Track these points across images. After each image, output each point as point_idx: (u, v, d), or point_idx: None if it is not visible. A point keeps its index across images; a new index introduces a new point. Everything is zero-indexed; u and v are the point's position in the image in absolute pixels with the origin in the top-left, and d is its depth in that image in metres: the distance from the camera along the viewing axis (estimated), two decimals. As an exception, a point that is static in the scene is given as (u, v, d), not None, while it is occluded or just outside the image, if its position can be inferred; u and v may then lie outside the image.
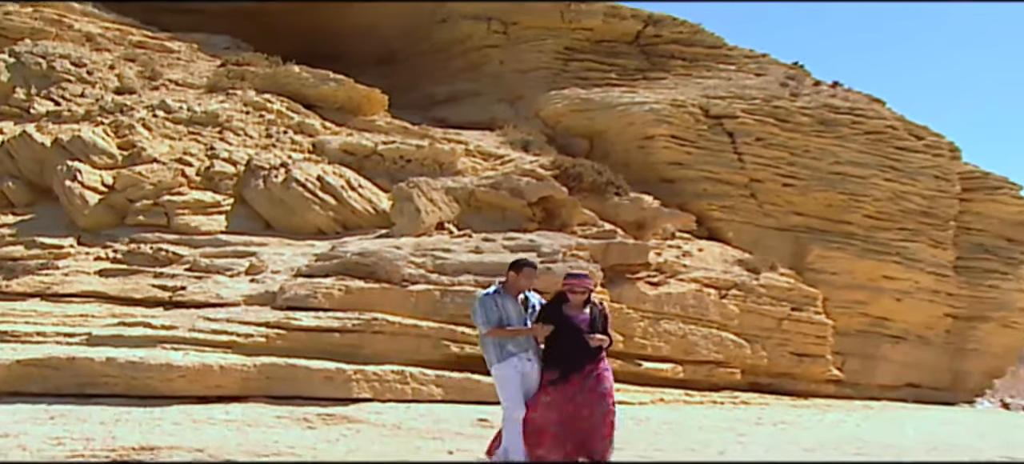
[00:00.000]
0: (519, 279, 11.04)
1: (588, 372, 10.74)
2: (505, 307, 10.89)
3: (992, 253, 36.97)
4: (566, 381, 10.68)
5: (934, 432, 21.95)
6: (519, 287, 11.07)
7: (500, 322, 10.83)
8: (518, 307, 10.98)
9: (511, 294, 11.01)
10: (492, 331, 10.83)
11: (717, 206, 32.22)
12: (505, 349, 10.84)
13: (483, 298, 11.04)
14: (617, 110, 33.60)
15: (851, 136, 34.93)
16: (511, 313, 10.90)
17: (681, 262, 27.68)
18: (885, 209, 34.30)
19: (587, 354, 10.74)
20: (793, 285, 30.17)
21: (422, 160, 28.10)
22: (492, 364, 11.02)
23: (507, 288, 11.05)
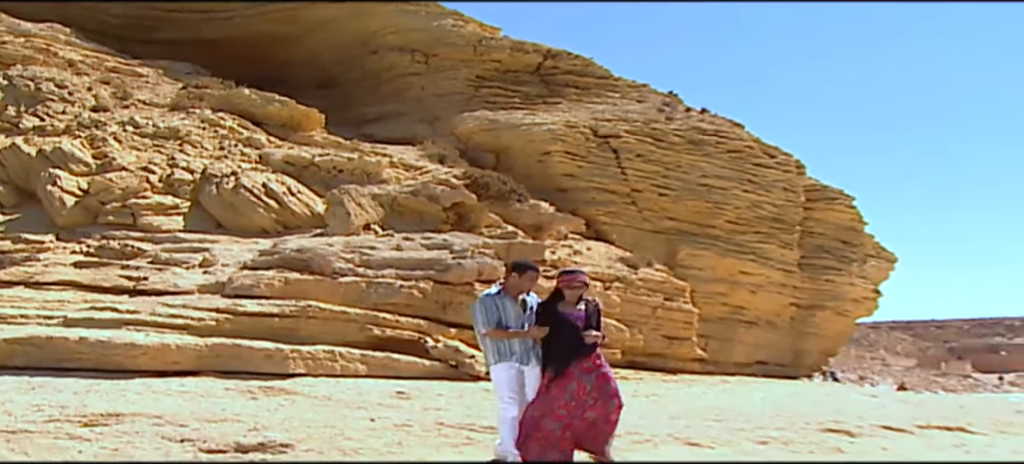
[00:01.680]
0: (521, 281, 9.83)
1: (586, 368, 9.57)
2: (505, 308, 9.71)
3: (829, 253, 37.68)
4: (563, 376, 9.52)
5: (778, 401, 22.34)
6: (520, 288, 9.86)
7: (499, 323, 9.65)
8: (517, 308, 9.78)
9: (511, 295, 9.81)
10: (491, 332, 9.67)
11: (603, 212, 32.46)
12: (503, 350, 9.70)
13: (483, 299, 9.85)
14: (520, 129, 33.74)
15: (716, 154, 35.32)
16: (510, 314, 9.72)
17: (572, 259, 27.86)
18: (743, 216, 34.78)
19: (582, 349, 9.57)
20: (666, 279, 30.53)
21: (353, 170, 28.09)
22: (490, 364, 9.90)
23: (507, 289, 9.85)
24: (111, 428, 11.50)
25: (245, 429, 11.88)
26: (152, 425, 11.72)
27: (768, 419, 17.08)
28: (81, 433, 11.14)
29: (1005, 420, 19.41)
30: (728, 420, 16.70)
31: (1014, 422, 19.18)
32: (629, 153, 33.73)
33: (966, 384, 59.93)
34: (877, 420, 17.60)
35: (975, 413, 20.82)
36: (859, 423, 16.89)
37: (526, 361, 9.71)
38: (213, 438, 11.12)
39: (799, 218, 36.95)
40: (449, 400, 16.73)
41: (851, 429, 16.00)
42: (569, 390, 9.46)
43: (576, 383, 9.48)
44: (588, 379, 9.54)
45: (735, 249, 34.02)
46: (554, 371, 9.55)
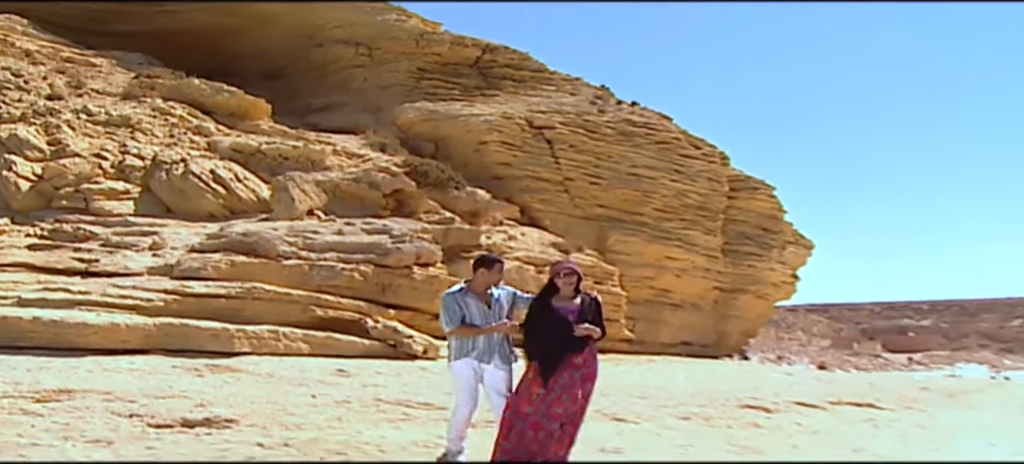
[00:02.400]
0: (488, 275, 9.08)
1: (575, 364, 8.62)
2: (468, 306, 8.97)
3: (751, 240, 38.28)
4: (553, 373, 8.57)
5: (700, 379, 22.71)
6: (487, 283, 9.10)
7: (463, 321, 8.93)
8: (482, 305, 9.00)
9: (477, 291, 9.06)
10: (455, 330, 8.99)
11: (537, 199, 32.76)
12: (464, 347, 8.98)
13: (446, 298, 9.14)
14: (458, 120, 33.93)
15: (645, 145, 35.69)
16: (474, 312, 8.97)
17: (507, 244, 28.23)
18: (670, 204, 35.20)
19: (571, 345, 8.61)
20: (596, 263, 30.89)
21: (297, 158, 28.15)
22: (449, 361, 9.25)
23: (473, 286, 9.09)
24: (63, 404, 11.62)
25: (191, 405, 12.01)
26: (102, 401, 11.86)
27: (690, 396, 17.33)
28: (34, 409, 11.26)
29: (910, 396, 19.91)
30: (652, 397, 16.97)
31: (918, 398, 19.70)
32: (562, 143, 34.04)
33: (876, 363, 61.04)
34: (792, 397, 17.94)
35: (883, 390, 21.26)
36: (775, 399, 17.22)
37: (487, 359, 8.97)
38: (160, 413, 11.27)
39: (723, 206, 37.51)
40: (387, 378, 16.90)
41: (767, 405, 16.34)
42: (561, 383, 8.56)
43: (567, 376, 8.58)
44: (577, 375, 8.63)
45: (662, 235, 34.44)
46: (542, 365, 8.65)
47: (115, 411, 11.29)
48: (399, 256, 22.33)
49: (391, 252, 22.32)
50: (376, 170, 28.19)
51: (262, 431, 10.82)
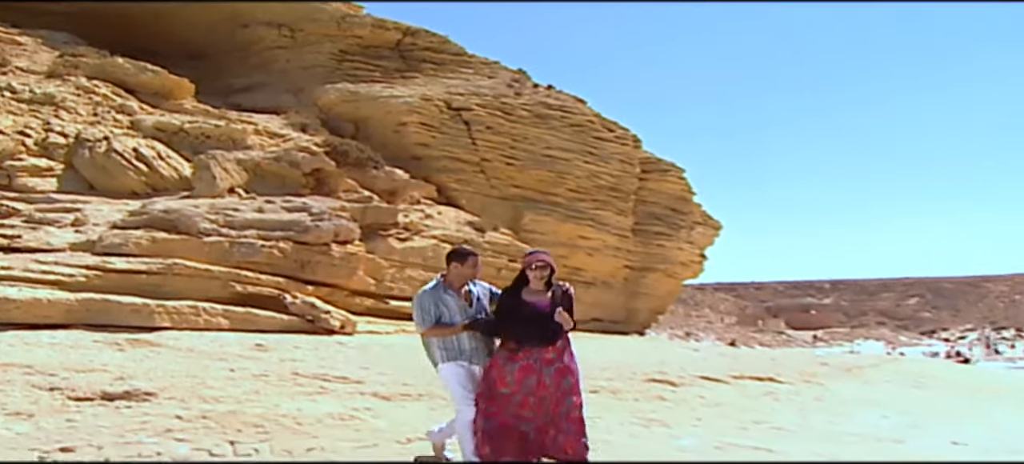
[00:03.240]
0: (462, 269, 8.16)
1: (547, 360, 7.76)
2: (445, 303, 8.04)
3: (661, 220, 39.05)
4: (523, 368, 7.74)
5: (609, 354, 22.88)
6: (463, 278, 8.17)
7: (439, 321, 7.99)
8: (460, 302, 8.09)
9: (454, 287, 8.13)
10: (430, 331, 8.03)
11: (454, 179, 33.16)
12: (450, 347, 8.05)
13: (420, 296, 8.14)
14: (378, 101, 34.10)
15: (560, 127, 36.25)
16: (452, 309, 8.05)
17: (424, 222, 28.53)
18: (583, 185, 35.81)
19: (543, 337, 7.79)
20: (511, 242, 31.29)
21: (219, 137, 28.10)
22: (436, 364, 8.19)
23: (449, 281, 8.14)
24: (-16, 377, 11.64)
25: (112, 378, 12.05)
26: (23, 374, 11.88)
27: (599, 370, 17.38)
28: (-43, 382, 11.29)
29: (810, 371, 20.30)
30: None
31: (817, 372, 20.09)
32: (480, 125, 34.44)
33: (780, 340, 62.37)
34: (697, 371, 18.24)
35: (784, 365, 21.62)
36: (681, 374, 17.49)
37: (478, 360, 8.09)
38: (81, 387, 11.31)
39: (634, 188, 38.19)
40: (305, 352, 16.98)
41: (673, 379, 16.61)
42: (527, 385, 7.72)
43: (536, 377, 7.71)
44: (548, 372, 7.74)
45: (575, 215, 35.03)
46: (508, 357, 7.83)
47: (36, 384, 11.30)
48: (318, 233, 22.49)
49: (310, 230, 22.46)
50: (297, 149, 28.24)
51: (181, 404, 10.86)
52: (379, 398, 12.26)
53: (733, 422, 12.57)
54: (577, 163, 35.77)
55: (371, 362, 16.11)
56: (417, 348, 19.91)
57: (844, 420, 13.61)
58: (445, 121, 34.00)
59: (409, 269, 26.17)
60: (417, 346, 20.81)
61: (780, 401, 15.36)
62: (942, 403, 16.54)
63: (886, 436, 12.12)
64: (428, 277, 26.76)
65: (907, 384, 19.25)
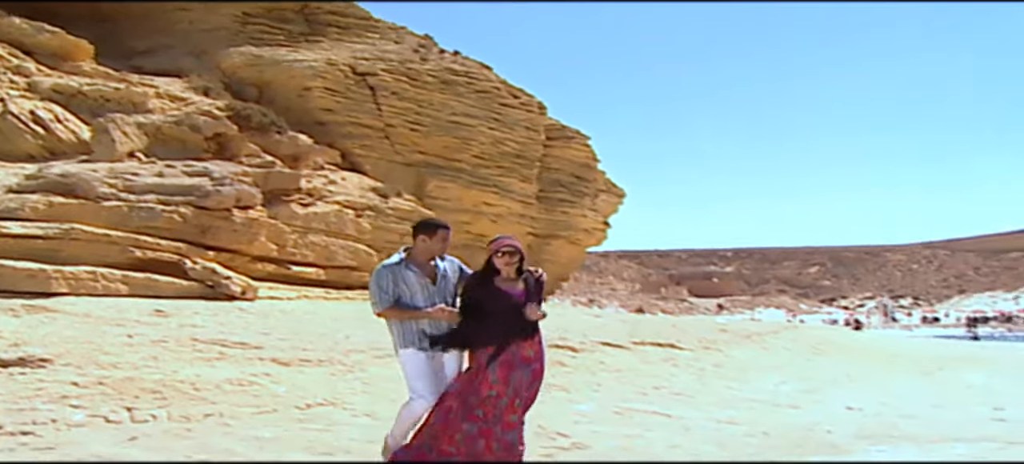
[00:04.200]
0: (431, 243, 7.16)
1: (526, 357, 7.02)
2: (406, 280, 7.04)
3: (565, 187, 39.56)
4: (503, 363, 6.95)
5: None
6: (430, 253, 7.20)
7: (399, 300, 7.00)
8: (423, 280, 7.08)
9: (420, 262, 7.14)
10: (386, 312, 7.03)
11: (358, 145, 33.21)
12: (409, 332, 7.03)
13: (378, 272, 7.09)
14: (282, 65, 33.90)
15: (465, 93, 36.41)
16: (413, 287, 7.05)
17: (327, 188, 28.62)
18: (488, 151, 36.11)
19: (524, 331, 7.07)
20: (415, 208, 31.47)
21: (119, 100, 27.78)
22: (396, 348, 7.20)
23: (414, 256, 7.15)
24: None
25: (6, 345, 11.97)
26: (-88, 342, 11.83)
27: None
28: None
29: (710, 338, 20.68)
30: None
31: (717, 339, 20.56)
32: (385, 90, 34.47)
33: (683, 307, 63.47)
34: (598, 337, 18.40)
35: (685, 332, 21.98)
36: (582, 340, 17.64)
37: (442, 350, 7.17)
38: (-26, 354, 11.23)
39: (539, 155, 38.60)
40: (205, 318, 17.00)
41: (575, 345, 16.78)
42: (514, 383, 6.96)
43: (519, 374, 6.97)
44: (526, 371, 7.01)
45: (479, 182, 35.39)
46: (485, 356, 7.00)
47: (-72, 351, 11.26)
48: (219, 198, 22.49)
49: (211, 194, 22.45)
50: (198, 113, 28.04)
51: (77, 370, 10.84)
52: (278, 364, 12.31)
53: (633, 387, 12.90)
54: (482, 129, 36.04)
55: (271, 328, 16.24)
56: (318, 314, 20.09)
57: (742, 385, 14.06)
58: (350, 86, 33.98)
59: (312, 235, 26.28)
60: (319, 312, 20.95)
61: (680, 367, 15.74)
62: (838, 369, 17.12)
63: (783, 401, 12.57)
64: (330, 242, 26.83)
65: (805, 350, 19.87)
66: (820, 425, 10.75)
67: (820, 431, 10.33)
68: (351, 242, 27.93)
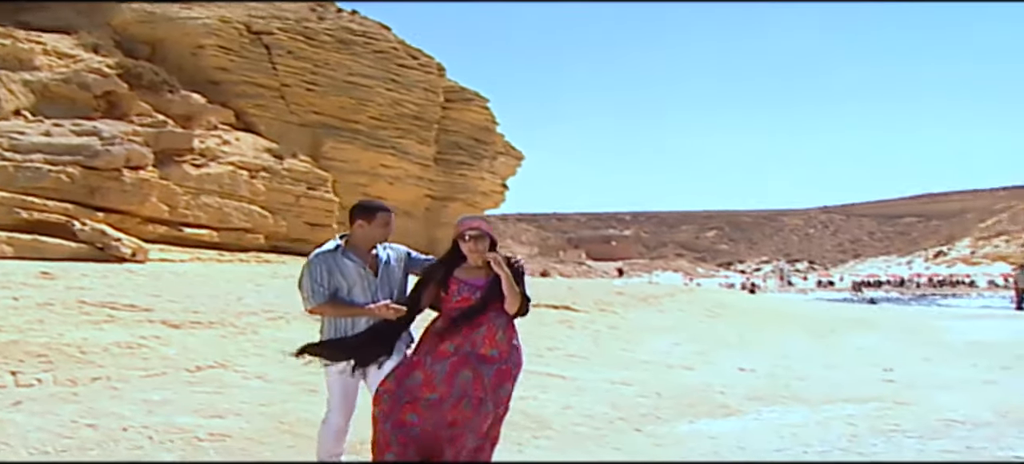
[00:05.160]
0: (370, 229, 6.05)
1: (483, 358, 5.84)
2: (344, 271, 5.94)
3: (464, 150, 39.78)
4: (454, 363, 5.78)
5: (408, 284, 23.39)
6: (371, 240, 6.09)
7: (335, 296, 5.89)
8: (364, 271, 5.98)
9: (359, 251, 6.04)
10: (318, 308, 5.88)
11: (253, 105, 32.92)
12: (341, 331, 5.97)
13: (312, 262, 5.91)
14: (175, 22, 33.40)
15: (363, 54, 36.32)
16: (351, 279, 5.97)
17: (221, 149, 28.42)
18: (386, 113, 36.11)
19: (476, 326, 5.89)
20: (310, 169, 31.50)
21: (4, 56, 27.12)
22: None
23: (353, 243, 6.05)
24: None
25: None
26: None
27: None
28: None
29: (606, 300, 20.65)
30: None
31: (613, 302, 20.55)
32: (280, 49, 34.23)
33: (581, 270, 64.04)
34: None
35: (581, 294, 22.02)
36: None
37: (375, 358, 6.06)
38: None
39: (437, 116, 38.73)
40: (93, 280, 16.78)
41: None
42: (459, 385, 5.72)
43: (471, 373, 5.76)
44: (485, 369, 5.83)
45: (376, 143, 35.36)
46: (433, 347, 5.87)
47: None
48: (108, 159, 22.29)
49: (100, 154, 22.23)
50: (87, 71, 27.62)
51: None
52: (169, 326, 12.21)
53: (528, 348, 13.11)
54: (380, 90, 36.03)
55: (162, 290, 16.15)
56: (211, 276, 20.06)
57: (637, 347, 14.25)
58: (245, 45, 33.66)
59: (205, 196, 26.15)
60: (211, 274, 20.90)
61: (575, 329, 15.85)
62: (732, 331, 17.42)
63: (677, 363, 12.89)
64: (224, 204, 26.69)
65: (700, 313, 20.05)
66: (713, 386, 11.10)
67: (712, 392, 10.68)
68: (245, 204, 27.85)
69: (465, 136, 40.23)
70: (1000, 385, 11.52)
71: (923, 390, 10.99)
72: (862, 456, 7.64)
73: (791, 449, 7.90)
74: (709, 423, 9.16)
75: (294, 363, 6.96)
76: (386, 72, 36.67)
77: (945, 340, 16.50)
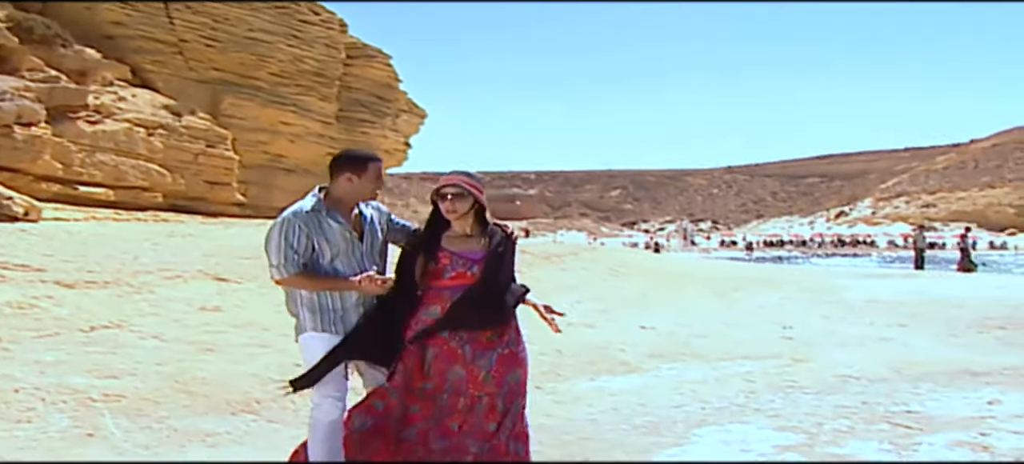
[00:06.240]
0: (359, 183, 4.97)
1: (481, 344, 4.90)
2: (328, 234, 4.87)
3: (366, 107, 39.71)
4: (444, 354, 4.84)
5: None
6: (359, 196, 5.03)
7: (311, 263, 4.85)
8: (349, 232, 4.94)
9: (342, 208, 4.97)
10: (290, 280, 4.84)
11: (150, 60, 32.23)
12: (326, 311, 4.91)
13: (284, 221, 4.83)
14: (68, -27, 32.57)
15: (263, 8, 35.86)
16: (335, 243, 4.89)
17: (116, 105, 27.95)
18: (286, 69, 35.81)
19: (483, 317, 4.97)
20: (209, 127, 31.16)
21: None
22: (301, 329, 4.99)
23: (335, 199, 4.98)
24: None
25: None
26: None
27: None
28: None
29: None
30: (257, 258, 17.00)
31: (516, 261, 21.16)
32: (178, 3, 33.58)
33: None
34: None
35: None
36: None
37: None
38: None
39: (339, 73, 38.57)
40: None
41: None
42: (451, 380, 4.84)
43: (463, 369, 4.84)
44: (483, 362, 4.88)
45: (277, 100, 35.10)
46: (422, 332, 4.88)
47: None
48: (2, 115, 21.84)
49: (0, 111, 21.78)
50: (-26, 23, 26.84)
51: None
52: (62, 286, 12.00)
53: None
54: (280, 46, 35.68)
55: (56, 250, 15.86)
56: (107, 235, 19.93)
57: None
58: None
59: (100, 154, 25.77)
60: (107, 233, 20.70)
61: None
62: (634, 290, 17.77)
63: (578, 321, 13.08)
64: (120, 161, 26.32)
65: (603, 272, 20.19)
66: (613, 344, 11.38)
67: (613, 349, 10.95)
68: (142, 162, 27.49)
69: (367, 93, 40.08)
70: (896, 342, 12.00)
71: (821, 347, 11.40)
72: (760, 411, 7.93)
73: (689, 405, 8.18)
74: (609, 380, 9.42)
75: (193, 321, 7.04)
76: (287, 28, 36.31)
77: (844, 298, 17.00)
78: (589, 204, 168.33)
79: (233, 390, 8.10)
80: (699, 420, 7.61)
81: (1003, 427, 7.12)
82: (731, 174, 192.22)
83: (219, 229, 25.47)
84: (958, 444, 6.66)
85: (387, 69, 41.22)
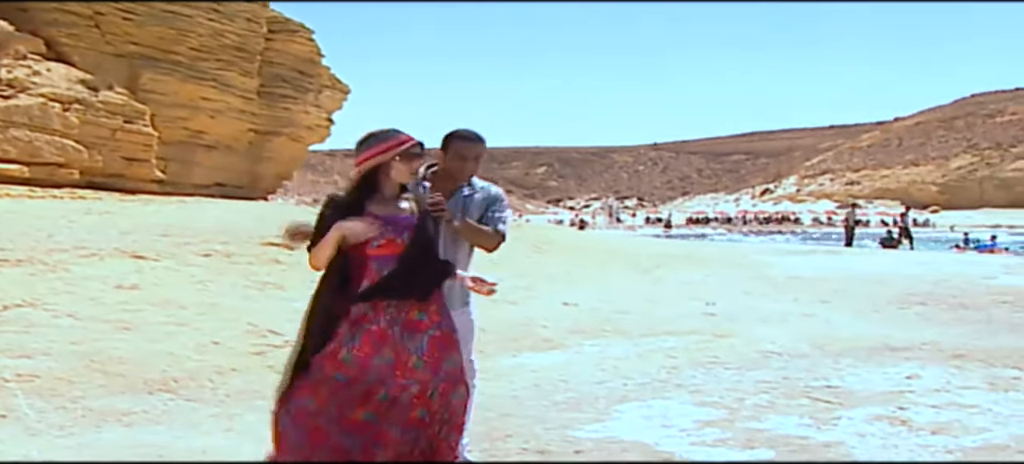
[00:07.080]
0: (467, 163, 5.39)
1: (413, 323, 4.54)
2: None
3: (288, 82, 39.22)
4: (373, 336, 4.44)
5: (228, 219, 22.42)
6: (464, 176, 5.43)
7: None
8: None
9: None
10: None
11: (65, 33, 31.40)
12: None
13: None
14: (-23, -57, 31.72)
15: (182, -19, 35.24)
16: None
17: (30, 80, 27.33)
18: (207, 44, 35.12)
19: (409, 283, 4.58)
20: (127, 102, 30.52)
21: None
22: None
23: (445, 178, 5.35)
24: None
25: None
26: None
27: (214, 235, 17.23)
28: None
29: None
30: (176, 236, 16.90)
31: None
32: (94, -26, 32.84)
33: (408, 207, 64.31)
34: None
35: None
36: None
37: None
38: None
39: (260, 48, 37.98)
40: None
41: (291, 243, 16.94)
42: (376, 369, 4.37)
43: (392, 352, 4.43)
44: (414, 344, 4.49)
45: (197, 75, 34.47)
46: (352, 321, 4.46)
47: None
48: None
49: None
50: None
51: None
52: None
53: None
54: (200, 20, 34.99)
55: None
56: (20, 213, 19.67)
57: None
58: (54, -32, 32.21)
59: (13, 130, 25.25)
60: (21, 210, 20.38)
61: None
62: (558, 267, 17.99)
63: (500, 298, 13.23)
64: (35, 137, 25.88)
65: (526, 249, 20.15)
66: (536, 320, 11.51)
67: (536, 326, 11.09)
68: (58, 138, 26.88)
69: (289, 68, 39.58)
70: (818, 318, 12.28)
71: (743, 323, 11.62)
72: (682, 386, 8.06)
73: (611, 381, 8.28)
74: (532, 356, 9.52)
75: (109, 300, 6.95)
76: (206, 1, 35.71)
77: (768, 275, 17.34)
78: (514, 181, 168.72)
79: (150, 369, 8.06)
80: (621, 396, 7.72)
81: (921, 401, 7.33)
82: (657, 151, 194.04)
83: (137, 206, 25.05)
84: (877, 418, 6.84)
85: (309, 44, 40.76)
